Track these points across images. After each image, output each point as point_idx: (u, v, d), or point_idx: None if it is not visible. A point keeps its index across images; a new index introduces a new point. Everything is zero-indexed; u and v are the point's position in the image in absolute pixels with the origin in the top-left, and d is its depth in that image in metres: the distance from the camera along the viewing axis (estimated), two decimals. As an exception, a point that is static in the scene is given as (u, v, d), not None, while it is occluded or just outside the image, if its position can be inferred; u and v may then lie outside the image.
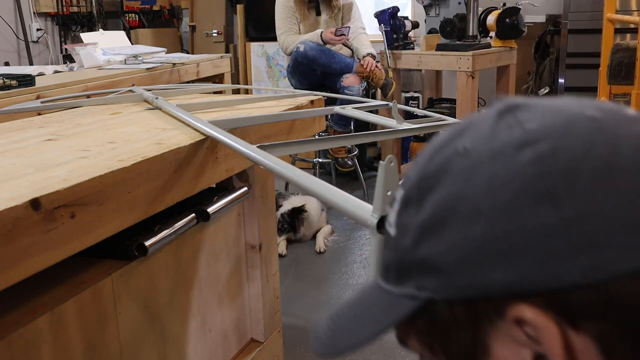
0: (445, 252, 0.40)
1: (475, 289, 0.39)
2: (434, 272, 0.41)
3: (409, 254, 0.42)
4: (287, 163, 0.91)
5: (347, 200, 0.72)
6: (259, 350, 1.61)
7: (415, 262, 0.42)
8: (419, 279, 0.42)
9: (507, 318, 0.38)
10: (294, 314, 2.44)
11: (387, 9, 3.71)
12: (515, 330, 0.38)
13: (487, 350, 0.40)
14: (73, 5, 5.01)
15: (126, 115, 1.52)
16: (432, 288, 0.41)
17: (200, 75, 3.15)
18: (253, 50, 5.01)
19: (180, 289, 1.30)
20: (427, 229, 0.41)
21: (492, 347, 0.40)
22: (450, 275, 0.40)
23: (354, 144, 3.68)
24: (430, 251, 0.41)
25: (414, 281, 0.42)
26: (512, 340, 0.39)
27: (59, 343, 0.95)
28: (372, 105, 1.82)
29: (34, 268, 0.79)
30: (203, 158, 1.18)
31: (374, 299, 0.46)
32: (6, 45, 4.48)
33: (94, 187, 0.89)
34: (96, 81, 2.48)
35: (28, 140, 1.23)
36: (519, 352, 0.39)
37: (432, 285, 0.41)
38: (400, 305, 0.43)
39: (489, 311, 0.39)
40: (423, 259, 0.41)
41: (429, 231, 0.41)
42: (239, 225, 1.55)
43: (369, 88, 3.80)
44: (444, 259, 0.40)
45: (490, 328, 0.40)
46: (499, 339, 0.39)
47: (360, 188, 3.82)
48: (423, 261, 0.41)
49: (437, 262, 0.40)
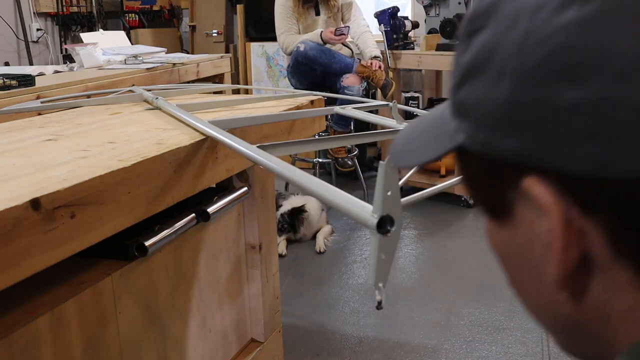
0: (477, 101, 0.38)
1: (493, 150, 0.37)
2: (468, 119, 0.39)
3: (453, 92, 0.41)
4: (287, 163, 0.91)
5: (347, 200, 0.72)
6: (259, 350, 1.61)
7: (456, 103, 0.41)
8: (460, 120, 0.40)
9: (520, 187, 0.37)
10: (294, 314, 2.44)
11: (387, 9, 3.71)
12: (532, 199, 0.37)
13: (511, 208, 0.39)
14: (73, 5, 5.01)
15: (126, 115, 1.52)
16: (467, 133, 0.40)
17: (200, 75, 3.15)
18: (253, 50, 5.01)
19: (180, 289, 1.30)
20: (467, 72, 0.39)
21: (515, 206, 0.39)
22: (478, 127, 0.38)
23: (354, 144, 3.68)
24: (467, 96, 0.39)
25: (457, 120, 0.41)
26: (533, 206, 0.37)
27: (59, 343, 0.95)
28: (372, 105, 1.82)
29: (34, 268, 0.79)
30: (203, 158, 1.18)
31: (439, 121, 0.45)
32: (6, 45, 4.48)
33: (94, 187, 0.89)
34: (96, 81, 2.48)
35: (28, 140, 1.23)
36: (539, 218, 0.37)
37: (467, 131, 0.39)
38: (448, 140, 0.42)
39: (511, 171, 0.37)
40: (461, 102, 0.40)
41: (468, 76, 0.39)
42: (239, 225, 1.55)
43: (369, 88, 3.80)
44: (475, 108, 0.38)
45: (511, 189, 0.38)
46: (523, 201, 0.38)
47: (360, 188, 3.82)
48: (460, 104, 0.40)
49: (470, 109, 0.39)
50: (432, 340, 2.24)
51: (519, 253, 0.40)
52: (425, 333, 2.29)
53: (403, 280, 2.70)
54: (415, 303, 2.51)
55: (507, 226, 0.40)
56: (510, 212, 0.39)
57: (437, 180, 3.70)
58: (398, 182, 0.66)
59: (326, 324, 2.38)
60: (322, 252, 3.04)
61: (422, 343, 2.23)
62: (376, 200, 0.66)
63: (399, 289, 2.64)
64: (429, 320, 2.37)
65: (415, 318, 2.40)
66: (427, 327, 2.33)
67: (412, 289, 2.62)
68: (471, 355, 2.14)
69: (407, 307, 2.48)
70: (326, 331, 2.32)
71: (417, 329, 2.32)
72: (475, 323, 2.33)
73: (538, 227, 0.37)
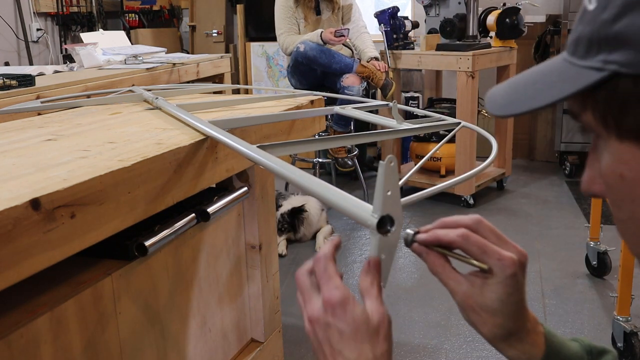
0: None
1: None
2: (627, 47, 0.42)
3: (605, 27, 0.44)
4: (287, 163, 0.91)
5: (347, 200, 0.72)
6: (259, 350, 1.61)
7: (610, 36, 0.43)
8: (608, 53, 0.44)
9: None
10: (294, 314, 2.44)
11: (387, 9, 3.71)
12: None
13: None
14: (73, 5, 5.01)
15: (126, 115, 1.52)
16: (621, 62, 0.42)
17: (200, 75, 3.15)
18: (253, 50, 5.01)
19: (180, 289, 1.30)
20: (631, 3, 0.42)
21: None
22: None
23: (354, 144, 3.68)
24: (628, 26, 0.42)
25: (603, 55, 0.44)
26: None
27: (59, 343, 0.95)
28: (372, 105, 1.81)
29: (34, 268, 0.79)
30: (203, 158, 1.18)
31: (556, 69, 0.49)
32: (6, 45, 4.48)
33: (94, 187, 0.89)
34: (96, 81, 2.48)
35: (28, 140, 1.23)
36: None
37: (622, 60, 0.42)
38: (584, 76, 0.45)
39: None
40: (619, 33, 0.42)
41: (632, 6, 0.42)
42: (239, 225, 1.55)
43: (369, 88, 3.80)
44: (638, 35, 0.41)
45: None
46: None
47: (360, 188, 3.82)
48: (618, 35, 0.43)
49: (633, 37, 0.42)
50: (432, 340, 2.24)
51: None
52: (425, 333, 2.29)
53: (403, 280, 2.70)
54: (415, 303, 2.51)
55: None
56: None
57: (437, 180, 3.70)
58: (398, 182, 0.66)
59: (326, 324, 2.37)
60: (322, 252, 3.03)
61: (422, 343, 2.23)
62: (376, 200, 0.66)
63: (399, 289, 2.64)
64: (429, 320, 2.37)
65: (415, 318, 2.40)
66: (427, 327, 2.33)
67: (412, 289, 2.62)
68: (471, 355, 2.14)
69: (407, 307, 2.48)
70: (326, 331, 2.32)
71: (417, 329, 2.32)
72: (475, 323, 2.33)
73: None
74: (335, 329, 0.58)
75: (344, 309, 0.58)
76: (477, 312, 0.61)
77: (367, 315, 0.59)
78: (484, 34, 3.74)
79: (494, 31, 3.71)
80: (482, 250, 0.61)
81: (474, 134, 3.48)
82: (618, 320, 2.05)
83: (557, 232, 3.21)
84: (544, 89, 0.49)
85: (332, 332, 0.58)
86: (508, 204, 3.73)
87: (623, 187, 0.47)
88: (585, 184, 0.51)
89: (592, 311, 2.41)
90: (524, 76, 0.52)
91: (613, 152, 0.47)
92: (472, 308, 0.62)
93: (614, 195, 0.48)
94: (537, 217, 3.44)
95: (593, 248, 2.66)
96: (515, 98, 0.51)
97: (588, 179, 0.51)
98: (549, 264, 2.83)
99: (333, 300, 0.58)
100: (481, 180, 3.73)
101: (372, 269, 0.62)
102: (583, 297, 2.51)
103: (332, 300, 0.58)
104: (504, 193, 3.92)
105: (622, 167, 0.46)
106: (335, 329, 0.58)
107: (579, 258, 2.79)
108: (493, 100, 0.53)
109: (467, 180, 3.37)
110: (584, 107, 0.47)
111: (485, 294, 0.61)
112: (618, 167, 0.46)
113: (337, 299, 0.58)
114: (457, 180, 1.03)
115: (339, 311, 0.58)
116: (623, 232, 0.49)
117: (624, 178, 0.46)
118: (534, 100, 0.49)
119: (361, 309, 0.59)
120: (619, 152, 0.46)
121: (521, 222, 3.37)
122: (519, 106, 0.50)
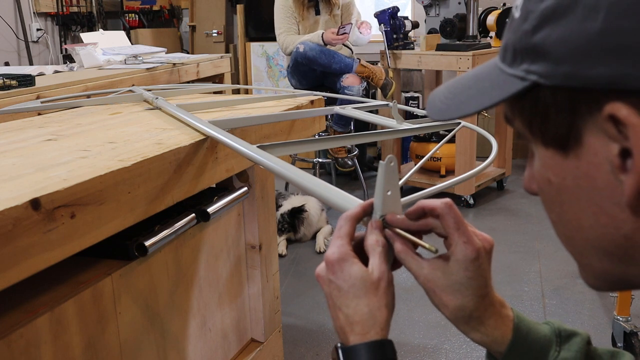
0: (559, 40, 0.42)
1: (580, 80, 0.41)
2: (544, 59, 0.43)
3: (526, 38, 0.45)
4: (287, 163, 0.91)
5: (347, 201, 0.72)
6: (259, 350, 1.61)
7: (530, 46, 0.45)
8: (530, 63, 0.45)
9: (603, 112, 0.41)
10: (294, 314, 2.44)
11: (387, 9, 3.71)
12: (608, 125, 0.41)
13: (580, 138, 0.44)
14: (73, 5, 5.01)
15: (126, 115, 1.52)
16: (540, 73, 0.44)
17: (200, 75, 3.15)
18: (253, 50, 5.01)
19: (180, 289, 1.30)
20: (548, 16, 0.43)
21: (584, 135, 0.43)
22: (559, 63, 0.42)
23: (354, 144, 3.68)
24: (545, 38, 0.43)
25: (525, 64, 0.46)
26: (603, 134, 0.42)
27: (59, 343, 0.95)
28: (372, 105, 1.81)
29: (34, 268, 0.79)
30: (203, 158, 1.18)
31: (489, 75, 0.51)
32: (6, 45, 4.48)
33: (94, 187, 0.89)
34: (96, 81, 2.48)
35: (28, 140, 1.23)
36: (608, 145, 0.42)
37: (541, 71, 0.44)
38: (511, 85, 0.47)
39: (588, 102, 0.42)
40: (538, 44, 0.44)
41: (549, 19, 0.43)
42: (239, 225, 1.55)
43: (369, 88, 3.80)
44: (557, 47, 0.42)
45: (586, 118, 0.43)
46: (592, 130, 0.43)
47: (360, 188, 3.82)
48: (537, 47, 0.44)
49: (550, 49, 0.43)
50: (432, 340, 2.24)
51: (581, 180, 0.45)
52: (425, 333, 2.29)
53: (403, 280, 2.70)
54: (415, 303, 2.51)
55: (573, 156, 0.45)
56: (579, 141, 0.44)
57: (437, 180, 3.70)
58: (398, 182, 0.66)
59: (326, 324, 2.37)
60: (322, 252, 3.03)
61: (422, 343, 2.23)
62: (376, 200, 0.66)
63: (399, 289, 2.63)
64: (429, 320, 2.37)
65: (415, 318, 2.40)
66: (427, 327, 2.33)
67: (412, 289, 2.62)
68: (471, 355, 2.14)
69: (407, 307, 2.48)
70: (326, 331, 2.32)
71: (417, 329, 2.32)
72: (475, 323, 2.33)
73: (608, 152, 0.42)
74: (335, 285, 0.63)
75: (341, 266, 0.63)
76: (437, 295, 0.64)
77: (365, 272, 0.63)
78: (484, 34, 3.74)
79: (494, 31, 3.71)
80: (457, 225, 0.63)
81: (474, 134, 3.48)
82: (618, 320, 2.05)
83: (557, 232, 3.21)
84: (477, 95, 0.51)
85: (333, 287, 0.63)
86: (508, 204, 3.73)
87: (551, 190, 0.48)
88: (526, 182, 0.54)
89: (592, 311, 2.41)
90: (461, 80, 0.55)
91: (541, 157, 0.48)
92: (433, 290, 0.64)
93: (544, 197, 0.51)
94: (537, 217, 3.44)
95: (593, 248, 2.66)
96: (452, 103, 0.53)
97: (528, 178, 0.54)
98: (549, 264, 2.83)
99: (331, 258, 0.64)
100: (481, 180, 3.73)
101: (376, 229, 0.65)
102: (583, 297, 2.51)
103: (330, 258, 0.64)
104: (504, 193, 3.92)
105: (549, 172, 0.48)
106: (335, 285, 0.63)
107: (579, 258, 2.79)
108: (433, 104, 0.55)
109: (467, 180, 3.37)
110: (514, 114, 0.50)
111: (446, 276, 0.63)
112: (546, 172, 0.48)
113: (334, 257, 0.63)
114: (457, 180, 1.04)
115: (337, 268, 0.63)
116: (556, 231, 0.51)
117: (551, 182, 0.48)
118: (467, 105, 0.51)
119: (358, 267, 0.63)
120: (545, 158, 0.48)
121: (521, 222, 3.37)
122: (454, 111, 0.52)
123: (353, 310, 0.62)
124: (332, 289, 0.63)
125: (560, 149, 0.46)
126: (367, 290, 0.62)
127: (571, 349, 0.66)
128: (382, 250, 0.64)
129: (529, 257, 2.89)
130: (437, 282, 0.63)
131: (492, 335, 0.66)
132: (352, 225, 0.66)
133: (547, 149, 0.47)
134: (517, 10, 0.47)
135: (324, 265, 0.65)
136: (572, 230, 0.48)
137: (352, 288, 0.62)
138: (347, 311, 0.62)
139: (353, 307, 0.62)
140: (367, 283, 0.62)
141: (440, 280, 0.63)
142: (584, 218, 0.46)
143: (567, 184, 0.46)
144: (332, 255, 0.64)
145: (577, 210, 0.47)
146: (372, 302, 0.62)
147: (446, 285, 0.63)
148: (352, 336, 0.62)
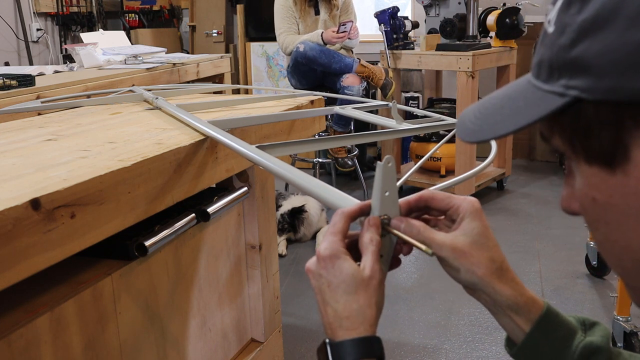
0: (600, 53, 0.41)
1: (624, 93, 0.40)
2: (585, 73, 0.42)
3: (563, 52, 0.43)
4: (287, 163, 0.91)
5: (345, 201, 0.73)
6: (259, 350, 1.61)
7: (568, 61, 0.43)
8: (569, 78, 0.43)
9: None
10: (294, 314, 2.44)
11: (387, 9, 3.71)
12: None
13: (627, 153, 0.42)
14: (73, 5, 5.01)
15: (126, 115, 1.52)
16: (582, 88, 0.42)
17: (200, 75, 3.15)
18: (253, 50, 5.01)
19: (180, 289, 1.30)
20: (586, 29, 0.42)
21: (632, 151, 0.41)
22: (601, 77, 0.41)
23: (354, 144, 3.68)
24: (585, 51, 0.42)
25: (564, 80, 0.44)
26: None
27: (59, 343, 0.95)
28: (372, 105, 1.82)
29: (34, 268, 0.79)
30: (203, 158, 1.19)
31: (522, 93, 0.49)
32: (6, 45, 4.48)
33: (94, 187, 0.89)
34: (96, 81, 2.48)
35: (28, 140, 1.24)
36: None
37: (582, 85, 0.42)
38: (548, 102, 0.45)
39: (635, 116, 0.40)
40: (577, 58, 0.42)
41: (588, 31, 0.41)
42: (239, 225, 1.55)
43: (369, 88, 3.80)
44: (598, 60, 0.41)
45: (633, 132, 0.41)
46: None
47: (360, 188, 3.82)
48: (576, 61, 0.42)
49: (591, 63, 0.41)
50: (432, 340, 2.24)
51: (630, 198, 0.43)
52: (425, 333, 2.29)
53: (403, 280, 2.70)
54: (415, 303, 2.51)
55: (620, 173, 0.43)
56: (627, 156, 0.42)
57: (437, 180, 3.70)
58: (396, 182, 0.67)
59: (326, 323, 2.37)
60: (322, 252, 3.03)
61: (422, 343, 2.23)
62: (374, 201, 0.66)
63: (399, 289, 2.64)
64: (429, 320, 2.37)
65: (415, 318, 2.40)
66: (427, 327, 2.33)
67: (412, 289, 2.63)
68: (471, 355, 2.14)
69: (407, 307, 2.48)
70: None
71: (417, 329, 2.32)
72: (475, 323, 2.33)
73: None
74: (325, 280, 0.63)
75: (332, 262, 0.63)
76: (467, 255, 0.64)
77: (356, 269, 0.63)
78: (484, 34, 3.74)
79: (494, 31, 3.71)
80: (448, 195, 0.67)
81: (474, 134, 3.48)
82: (618, 320, 2.05)
83: (557, 232, 3.21)
84: (511, 114, 0.49)
85: (322, 282, 0.64)
86: (508, 204, 3.73)
87: (596, 209, 0.46)
88: (564, 202, 0.52)
89: (592, 311, 2.41)
90: (493, 99, 0.53)
91: (584, 176, 0.47)
92: (462, 252, 0.64)
93: (588, 217, 0.48)
94: (537, 217, 3.44)
95: (593, 248, 2.66)
96: (484, 123, 0.52)
97: (566, 197, 0.51)
98: (549, 264, 2.83)
99: (323, 254, 0.64)
100: (481, 180, 3.73)
101: (371, 228, 0.65)
102: (583, 297, 2.51)
103: (322, 254, 0.64)
104: (504, 193, 3.92)
105: (593, 190, 0.46)
106: (325, 280, 0.63)
107: (579, 258, 2.79)
108: (463, 126, 0.54)
109: (467, 180, 3.38)
110: (552, 131, 0.48)
111: (467, 234, 0.65)
112: (590, 190, 0.46)
113: (326, 253, 0.63)
114: (457, 180, 1.04)
115: (328, 264, 0.63)
116: (601, 251, 0.49)
117: (596, 201, 0.46)
118: (501, 126, 0.50)
119: (349, 264, 0.63)
120: (589, 176, 0.46)
121: (521, 222, 3.37)
122: (487, 132, 0.51)
123: (342, 306, 0.62)
124: (322, 283, 0.64)
125: (605, 165, 0.44)
126: (358, 287, 0.62)
127: (596, 334, 0.67)
128: (375, 249, 0.64)
129: (529, 257, 2.89)
130: (465, 241, 0.64)
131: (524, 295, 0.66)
132: (346, 222, 0.66)
133: (590, 166, 0.45)
134: (551, 25, 0.45)
135: (315, 259, 0.65)
136: (619, 250, 0.46)
137: (343, 284, 0.62)
138: (336, 306, 0.62)
139: (342, 303, 0.62)
140: (357, 280, 0.62)
141: (466, 239, 0.64)
142: (633, 237, 0.44)
143: (614, 202, 0.44)
144: (324, 251, 0.64)
145: (625, 229, 0.45)
146: (361, 299, 0.62)
147: (472, 242, 0.64)
148: (341, 332, 0.62)
